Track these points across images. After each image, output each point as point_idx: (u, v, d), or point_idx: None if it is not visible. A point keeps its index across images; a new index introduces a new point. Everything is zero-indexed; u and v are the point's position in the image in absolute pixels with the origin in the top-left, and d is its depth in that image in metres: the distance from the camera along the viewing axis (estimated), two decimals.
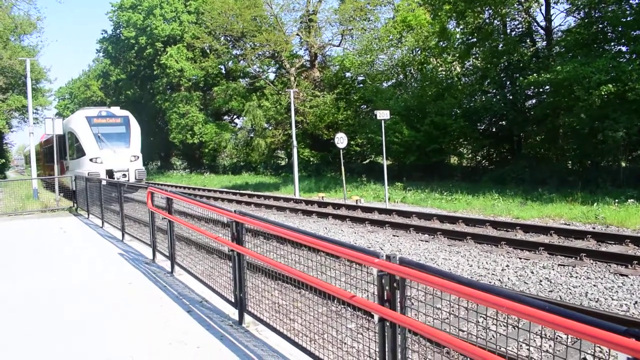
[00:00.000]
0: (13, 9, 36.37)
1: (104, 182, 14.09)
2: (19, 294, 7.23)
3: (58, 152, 24.31)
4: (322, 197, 25.47)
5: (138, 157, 23.79)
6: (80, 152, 22.96)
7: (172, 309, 6.29)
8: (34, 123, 28.10)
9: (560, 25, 28.77)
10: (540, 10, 26.82)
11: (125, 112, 25.31)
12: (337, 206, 21.12)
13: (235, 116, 56.51)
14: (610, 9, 21.61)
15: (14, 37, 37.80)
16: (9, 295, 7.20)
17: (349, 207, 20.64)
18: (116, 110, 25.23)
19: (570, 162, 25.69)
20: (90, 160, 22.38)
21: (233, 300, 5.76)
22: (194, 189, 36.27)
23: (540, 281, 9.18)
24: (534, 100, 27.52)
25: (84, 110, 25.20)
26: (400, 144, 29.22)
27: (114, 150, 22.90)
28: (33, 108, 29.58)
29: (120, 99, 62.24)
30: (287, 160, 46.49)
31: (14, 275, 8.46)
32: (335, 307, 7.27)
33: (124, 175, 22.55)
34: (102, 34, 62.17)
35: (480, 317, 6.92)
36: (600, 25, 22.74)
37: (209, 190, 34.01)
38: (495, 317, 6.78)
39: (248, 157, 46.88)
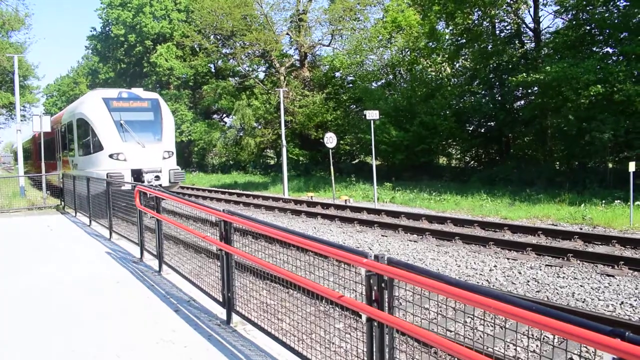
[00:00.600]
0: (1, 4, 36.09)
1: (127, 187, 11.13)
2: (2, 293, 7.16)
3: (58, 147, 22.69)
4: (311, 196, 25.45)
5: (172, 154, 18.87)
6: (95, 146, 17.96)
7: (160, 308, 6.26)
8: (21, 120, 27.85)
9: (548, 27, 29.00)
10: (529, 11, 27.00)
11: (154, 94, 20.41)
12: (326, 206, 21.11)
13: (224, 115, 56.36)
14: (597, 11, 21.80)
15: (2, 34, 37.49)
16: None
17: (338, 207, 20.65)
18: (140, 91, 20.14)
19: (558, 163, 25.87)
20: (111, 156, 17.59)
21: (221, 300, 5.74)
22: (182, 187, 36.11)
23: (528, 281, 9.23)
24: (522, 102, 27.70)
25: (99, 91, 19.98)
26: (388, 143, 29.30)
27: (142, 144, 17.95)
28: (20, 105, 29.31)
29: None
30: (276, 159, 46.44)
31: None
32: (323, 307, 7.26)
33: (157, 178, 17.86)
34: (91, 31, 61.79)
35: (468, 317, 6.94)
36: (588, 27, 22.93)
37: (198, 189, 33.89)
38: (482, 318, 6.83)
39: (237, 156, 46.77)
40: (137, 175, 17.62)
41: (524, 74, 22.68)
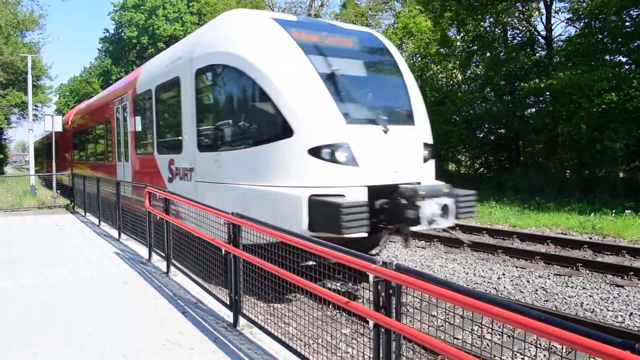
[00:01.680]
0: (17, 6, 36.48)
1: (360, 236, 6.55)
2: (11, 292, 7.20)
3: (122, 135, 14.71)
4: None
5: (433, 150, 9.45)
6: (270, 127, 7.92)
7: (167, 309, 6.27)
8: (33, 120, 28.06)
9: (560, 34, 28.85)
10: (541, 19, 26.90)
11: (364, 28, 11.88)
12: None
13: None
14: (611, 20, 21.67)
15: (16, 33, 37.86)
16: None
17: None
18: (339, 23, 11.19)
19: (568, 171, 25.68)
20: (316, 153, 7.40)
21: (228, 303, 5.75)
22: None
23: (536, 290, 9.17)
24: (533, 109, 27.56)
25: (259, 13, 10.46)
26: None
27: (383, 127, 8.02)
28: (33, 105, 29.58)
29: None
30: None
31: (5, 272, 8.41)
32: (330, 311, 7.25)
33: (444, 211, 8.02)
34: (104, 33, 62.34)
35: (476, 325, 6.90)
36: (600, 36, 22.79)
37: None
38: (490, 326, 6.79)
39: None
40: (377, 196, 7.72)
41: (537, 79, 22.58)
